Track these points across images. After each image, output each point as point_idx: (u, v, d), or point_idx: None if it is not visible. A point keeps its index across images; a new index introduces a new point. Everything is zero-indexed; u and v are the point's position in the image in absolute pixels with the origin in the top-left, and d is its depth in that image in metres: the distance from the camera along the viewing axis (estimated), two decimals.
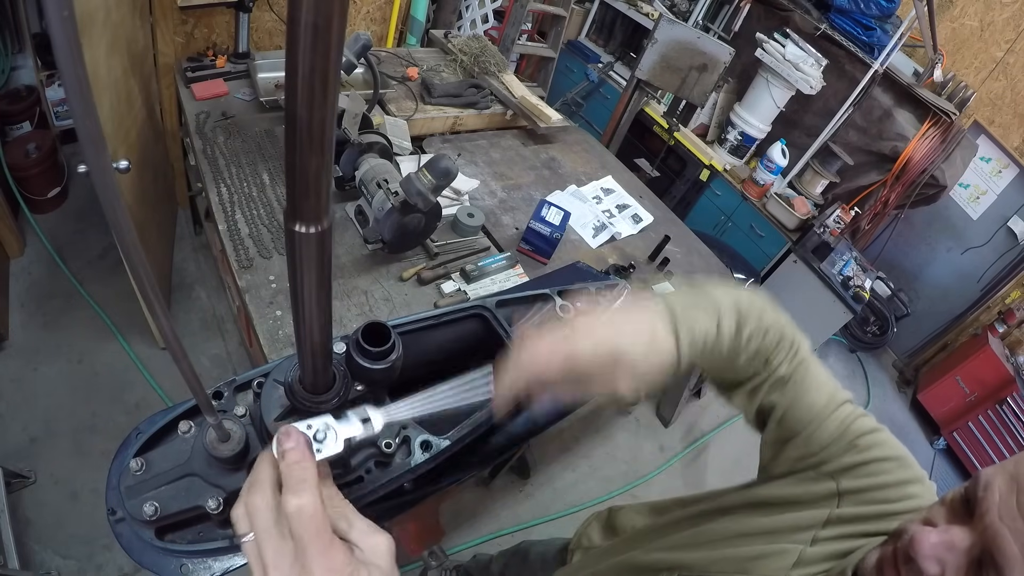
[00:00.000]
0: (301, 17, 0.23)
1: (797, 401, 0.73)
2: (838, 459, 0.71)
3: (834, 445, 0.71)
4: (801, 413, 0.73)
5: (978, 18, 3.03)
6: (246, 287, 1.33)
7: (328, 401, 0.45)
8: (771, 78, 3.05)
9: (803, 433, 0.73)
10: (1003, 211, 3.28)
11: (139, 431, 0.50)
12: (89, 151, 0.24)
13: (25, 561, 1.56)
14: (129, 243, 0.29)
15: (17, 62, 2.39)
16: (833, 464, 0.71)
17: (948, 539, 0.49)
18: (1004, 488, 0.48)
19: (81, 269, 2.28)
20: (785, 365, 0.73)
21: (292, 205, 0.31)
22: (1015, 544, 0.45)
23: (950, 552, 0.49)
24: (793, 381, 0.73)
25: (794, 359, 0.73)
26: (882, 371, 3.79)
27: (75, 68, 0.22)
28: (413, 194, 1.31)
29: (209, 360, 2.20)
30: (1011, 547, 0.45)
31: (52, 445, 1.83)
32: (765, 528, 0.71)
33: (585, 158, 2.33)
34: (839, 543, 0.67)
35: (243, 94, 1.88)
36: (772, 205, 3.12)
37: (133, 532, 0.46)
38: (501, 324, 0.71)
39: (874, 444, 0.70)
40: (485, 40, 2.44)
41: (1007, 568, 0.45)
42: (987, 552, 0.47)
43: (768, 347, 0.71)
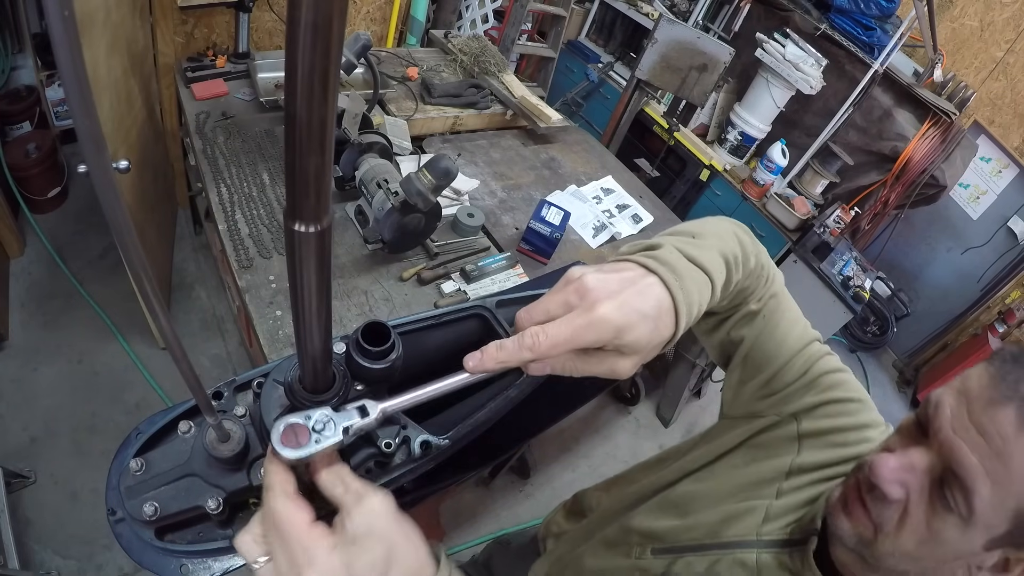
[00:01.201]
0: (301, 17, 0.23)
1: (765, 338, 0.70)
2: (800, 398, 0.70)
3: (797, 383, 0.70)
4: (769, 350, 0.70)
5: (978, 18, 3.03)
6: (246, 287, 1.33)
7: (328, 401, 0.45)
8: (771, 78, 3.05)
9: (768, 371, 0.71)
10: (1003, 211, 3.28)
11: (139, 431, 0.50)
12: (89, 151, 0.24)
13: (25, 561, 1.56)
14: (129, 243, 0.29)
15: (17, 62, 2.39)
16: (794, 404, 0.70)
17: (907, 461, 0.50)
18: (954, 403, 0.49)
19: (81, 269, 2.28)
20: (755, 302, 0.70)
21: (292, 204, 0.31)
22: (972, 455, 0.45)
23: (911, 473, 0.49)
24: (763, 316, 0.70)
25: (766, 295, 0.70)
26: (882, 371, 3.79)
27: (75, 68, 0.22)
28: (413, 194, 1.31)
29: (209, 360, 2.20)
30: (969, 458, 0.46)
31: (52, 445, 1.83)
32: (731, 488, 0.71)
33: (585, 158, 2.33)
34: (804, 491, 0.67)
35: (243, 94, 1.88)
36: (772, 205, 3.12)
37: (133, 532, 0.46)
38: (501, 324, 0.71)
39: (836, 384, 0.70)
40: (485, 40, 2.44)
41: (969, 478, 0.45)
42: (947, 468, 0.48)
43: (749, 288, 0.67)
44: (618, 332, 0.43)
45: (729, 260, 0.58)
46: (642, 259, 0.49)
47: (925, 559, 0.50)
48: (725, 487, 0.71)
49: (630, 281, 0.46)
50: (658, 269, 0.47)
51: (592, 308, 0.43)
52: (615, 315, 0.43)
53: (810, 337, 0.72)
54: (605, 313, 0.43)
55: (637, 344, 0.45)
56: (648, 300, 0.45)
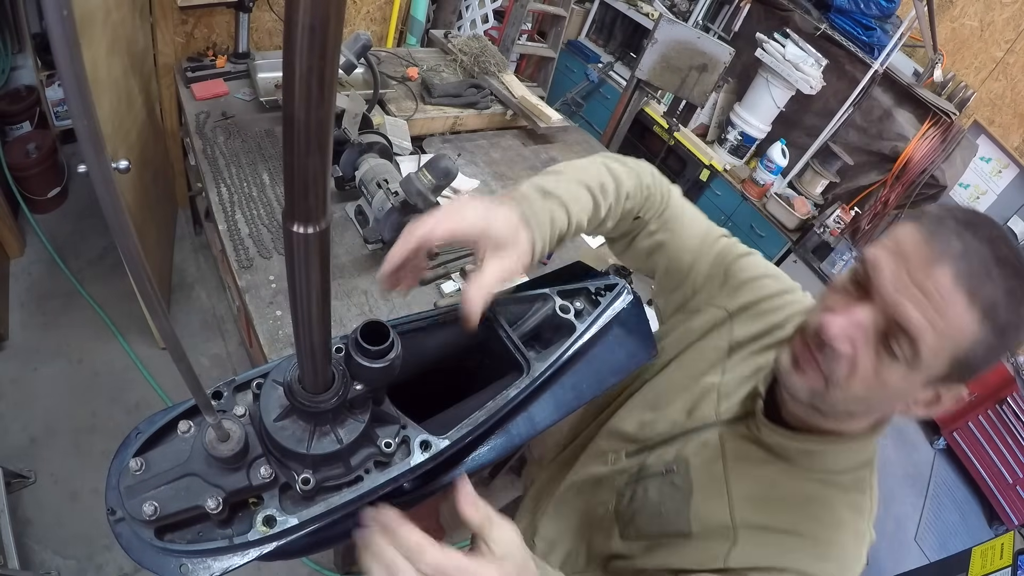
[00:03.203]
0: (298, 18, 0.23)
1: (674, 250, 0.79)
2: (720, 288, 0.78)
3: (715, 278, 0.78)
4: (682, 259, 0.79)
5: (978, 18, 3.03)
6: (246, 287, 1.33)
7: (327, 400, 0.45)
8: (771, 78, 3.05)
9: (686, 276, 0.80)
10: (1003, 211, 3.28)
11: (139, 431, 0.50)
12: (89, 151, 0.24)
13: (25, 561, 1.56)
14: (129, 243, 0.29)
15: (17, 62, 2.39)
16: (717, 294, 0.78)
17: (854, 319, 0.54)
18: (892, 264, 0.52)
19: (81, 269, 2.28)
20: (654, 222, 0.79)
21: (290, 205, 0.31)
22: (916, 311, 0.50)
23: (858, 329, 0.54)
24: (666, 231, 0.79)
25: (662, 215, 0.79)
26: None
27: (75, 68, 0.22)
28: (413, 194, 1.31)
29: (209, 360, 2.20)
30: (914, 314, 0.50)
31: (52, 445, 1.84)
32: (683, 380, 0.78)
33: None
34: (746, 364, 0.73)
35: (243, 94, 1.88)
36: (772, 205, 3.12)
37: (133, 532, 0.46)
38: (501, 324, 0.71)
39: (747, 267, 0.77)
40: (485, 40, 2.44)
41: (915, 331, 0.50)
42: (891, 323, 0.52)
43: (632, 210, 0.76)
44: (484, 225, 0.55)
45: (592, 188, 0.69)
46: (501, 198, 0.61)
47: (872, 400, 0.57)
48: (680, 379, 0.78)
49: (492, 201, 0.59)
50: (509, 201, 0.60)
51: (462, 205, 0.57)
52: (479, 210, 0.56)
53: (716, 235, 0.80)
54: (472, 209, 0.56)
55: (503, 239, 0.56)
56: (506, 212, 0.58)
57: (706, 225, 0.81)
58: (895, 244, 0.53)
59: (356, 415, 0.49)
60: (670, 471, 0.72)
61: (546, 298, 0.74)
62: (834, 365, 0.55)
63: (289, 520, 0.47)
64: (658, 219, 0.79)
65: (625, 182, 0.73)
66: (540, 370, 0.65)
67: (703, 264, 0.78)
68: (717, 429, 0.70)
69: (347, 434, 0.47)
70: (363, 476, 0.51)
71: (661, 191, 0.79)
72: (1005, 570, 1.82)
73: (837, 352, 0.54)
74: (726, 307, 0.76)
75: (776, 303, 0.74)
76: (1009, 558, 1.83)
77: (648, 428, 0.78)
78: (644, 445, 0.78)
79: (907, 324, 0.50)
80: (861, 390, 0.55)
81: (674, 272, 0.80)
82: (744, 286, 0.76)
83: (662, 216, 0.79)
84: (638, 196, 0.75)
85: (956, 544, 2.67)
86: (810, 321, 0.59)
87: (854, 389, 0.55)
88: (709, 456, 0.69)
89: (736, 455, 0.68)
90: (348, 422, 0.48)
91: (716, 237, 0.79)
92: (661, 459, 0.74)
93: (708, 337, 0.77)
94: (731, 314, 0.76)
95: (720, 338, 0.76)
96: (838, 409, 0.59)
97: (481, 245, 0.56)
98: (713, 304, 0.78)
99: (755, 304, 0.75)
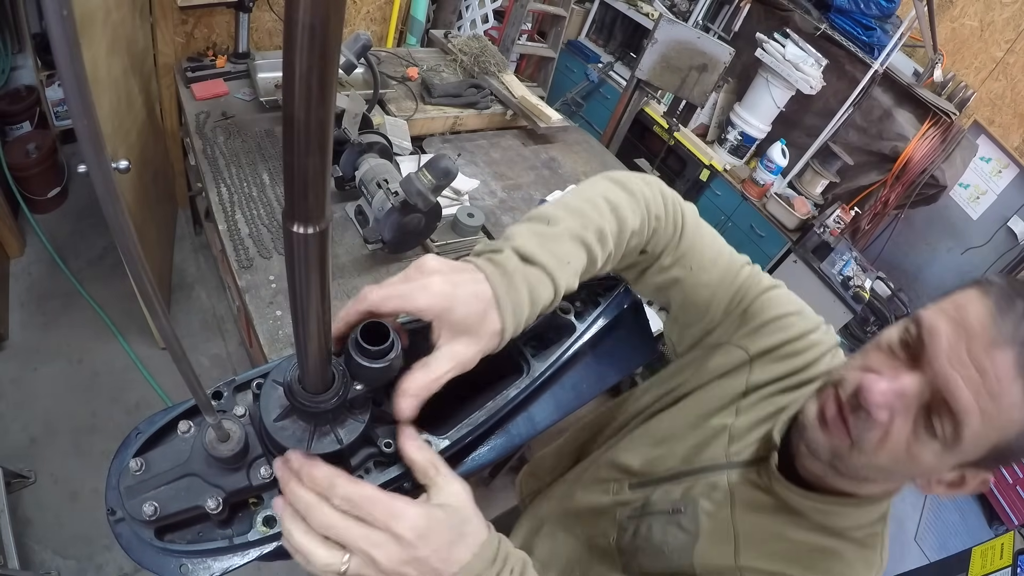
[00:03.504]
0: (298, 18, 0.23)
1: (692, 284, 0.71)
2: (741, 325, 0.72)
3: (735, 313, 0.72)
4: (700, 294, 0.72)
5: (978, 18, 3.03)
6: (246, 287, 1.33)
7: (327, 401, 0.45)
8: (771, 78, 3.05)
9: (705, 311, 0.73)
10: (1003, 211, 3.28)
11: (139, 431, 0.50)
12: (89, 151, 0.24)
13: (25, 561, 1.56)
14: (129, 243, 0.29)
15: (17, 62, 2.39)
16: (737, 332, 0.72)
17: (899, 387, 0.50)
18: (951, 335, 0.48)
19: (81, 269, 2.28)
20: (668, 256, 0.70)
21: (290, 205, 0.31)
22: (968, 391, 0.46)
23: (900, 399, 0.50)
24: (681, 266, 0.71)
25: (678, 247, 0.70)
26: None
27: (75, 68, 0.22)
28: (413, 194, 1.31)
29: (209, 360, 2.21)
30: (965, 394, 0.46)
31: (52, 445, 1.84)
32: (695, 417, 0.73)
33: (585, 158, 2.33)
34: (762, 407, 0.69)
35: (243, 94, 1.88)
36: (772, 205, 3.12)
37: (133, 532, 0.46)
38: None
39: (771, 303, 0.71)
40: (485, 40, 2.44)
41: (962, 413, 0.46)
42: (938, 398, 0.48)
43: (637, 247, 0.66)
44: (446, 305, 0.46)
45: (588, 240, 0.57)
46: (477, 261, 0.51)
47: (895, 473, 0.53)
48: (690, 418, 0.74)
49: (463, 270, 0.49)
50: (485, 268, 0.50)
51: (425, 275, 0.48)
52: (443, 286, 0.47)
53: (737, 266, 0.73)
54: (435, 282, 0.47)
55: (466, 323, 0.47)
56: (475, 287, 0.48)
57: (727, 255, 0.73)
58: (957, 313, 0.49)
59: (356, 415, 0.49)
60: (676, 511, 0.69)
61: None
62: (865, 430, 0.51)
63: None
64: (672, 252, 0.70)
65: (629, 220, 0.62)
66: (540, 370, 0.65)
67: (722, 299, 0.72)
68: (726, 472, 0.67)
69: (347, 434, 0.47)
70: (363, 476, 0.51)
71: (674, 220, 0.69)
72: (1005, 570, 1.82)
73: (874, 419, 0.50)
74: (747, 349, 0.71)
75: (800, 345, 0.69)
76: (1009, 558, 1.83)
77: (653, 464, 0.74)
78: (648, 480, 0.75)
79: (955, 403, 0.46)
80: (887, 461, 0.52)
81: (690, 307, 0.74)
82: (767, 326, 0.70)
83: (677, 249, 0.70)
84: (645, 231, 0.65)
85: (956, 544, 2.67)
86: (847, 377, 0.54)
87: (880, 459, 0.52)
88: (717, 500, 0.66)
89: (745, 501, 0.65)
90: (348, 422, 0.48)
91: (737, 269, 0.72)
92: (667, 497, 0.70)
93: (724, 378, 0.72)
94: (752, 357, 0.71)
95: (737, 380, 0.71)
96: (857, 474, 0.55)
97: (436, 326, 0.48)
98: (732, 343, 0.72)
99: (779, 347, 0.69)
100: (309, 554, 0.42)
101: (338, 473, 0.43)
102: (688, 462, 0.71)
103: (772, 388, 0.69)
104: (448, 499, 0.46)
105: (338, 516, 0.42)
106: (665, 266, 0.70)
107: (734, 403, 0.71)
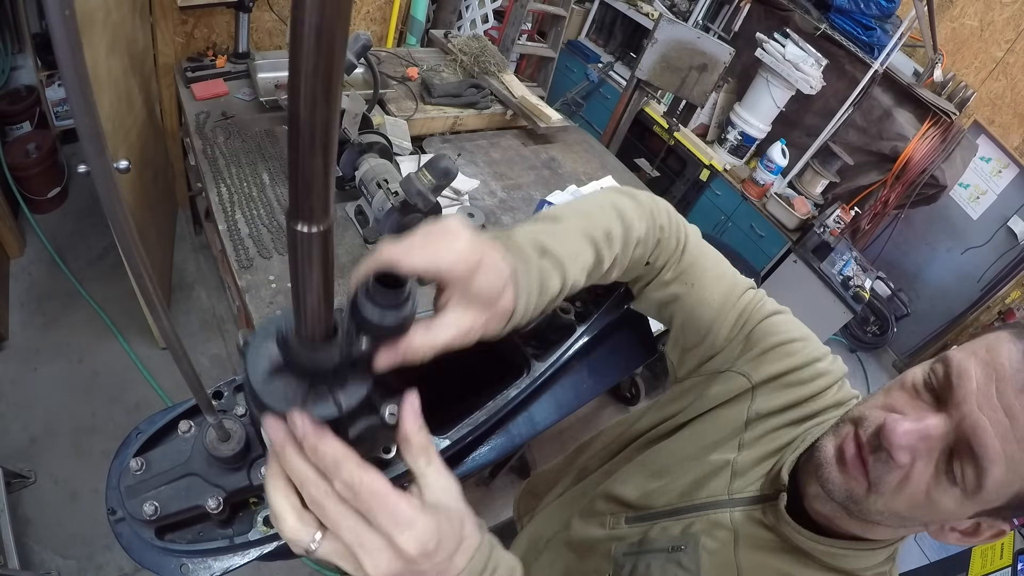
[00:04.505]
0: (304, 19, 0.23)
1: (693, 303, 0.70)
2: (744, 351, 0.69)
3: (737, 338, 0.70)
4: (701, 315, 0.70)
5: (978, 18, 3.03)
6: (246, 287, 1.33)
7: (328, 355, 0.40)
8: (771, 78, 3.05)
9: (706, 335, 0.70)
10: (1003, 211, 3.28)
11: (139, 431, 0.50)
12: (89, 151, 0.24)
13: (25, 561, 1.56)
14: (129, 243, 0.29)
15: (17, 62, 2.39)
16: (740, 358, 0.69)
17: (923, 428, 0.48)
18: (981, 377, 0.46)
19: (81, 269, 2.28)
20: (669, 271, 0.69)
21: (294, 204, 0.31)
22: (995, 436, 0.44)
23: (923, 442, 0.48)
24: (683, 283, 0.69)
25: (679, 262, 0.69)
26: (882, 371, 3.79)
27: (76, 68, 0.22)
28: (413, 194, 1.31)
29: (209, 360, 2.20)
30: (991, 439, 0.44)
31: (52, 445, 1.83)
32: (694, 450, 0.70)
33: (585, 158, 2.33)
34: (766, 441, 0.66)
35: (243, 94, 1.88)
36: (772, 205, 3.12)
37: (133, 532, 0.46)
38: None
39: (775, 329, 0.68)
40: (485, 40, 2.44)
41: (986, 460, 0.45)
42: (962, 443, 0.46)
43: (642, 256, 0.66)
44: (470, 269, 0.43)
45: (597, 238, 0.57)
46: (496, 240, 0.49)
47: (910, 519, 0.51)
48: (689, 450, 0.71)
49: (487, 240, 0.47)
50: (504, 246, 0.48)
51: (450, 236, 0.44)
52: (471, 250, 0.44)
53: (741, 289, 0.71)
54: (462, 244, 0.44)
55: (484, 294, 0.44)
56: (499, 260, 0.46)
57: (730, 277, 0.71)
58: (988, 355, 0.47)
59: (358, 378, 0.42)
60: (676, 549, 0.66)
61: None
62: (885, 473, 0.50)
63: None
64: (674, 267, 0.69)
65: (636, 225, 0.62)
66: (540, 370, 0.65)
67: (724, 322, 0.69)
68: (729, 510, 0.65)
69: (347, 399, 0.41)
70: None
71: (677, 235, 0.69)
72: (1005, 570, 1.82)
73: (896, 461, 0.48)
74: (750, 377, 0.68)
75: (806, 374, 0.66)
76: (1009, 558, 1.83)
77: (651, 498, 0.72)
78: (646, 514, 0.72)
79: (980, 448, 0.45)
80: (904, 506, 0.50)
81: (691, 328, 0.71)
82: (771, 352, 0.68)
83: (679, 263, 0.69)
84: (650, 240, 0.65)
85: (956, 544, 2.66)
86: (868, 416, 0.53)
87: (897, 503, 0.50)
88: (721, 538, 0.64)
89: (750, 541, 0.62)
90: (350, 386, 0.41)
91: (740, 292, 0.71)
92: (666, 534, 0.68)
93: (725, 406, 0.70)
94: (755, 385, 0.68)
95: (739, 409, 0.68)
96: (871, 518, 0.53)
97: (449, 291, 0.45)
98: (734, 370, 0.70)
99: (783, 375, 0.67)
100: (279, 516, 0.38)
101: (347, 454, 0.38)
102: (687, 497, 0.68)
103: (776, 420, 0.67)
104: (442, 497, 0.41)
105: (334, 500, 0.37)
106: (666, 280, 0.69)
107: (736, 436, 0.68)
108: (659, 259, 0.68)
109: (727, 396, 0.69)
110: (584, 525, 0.79)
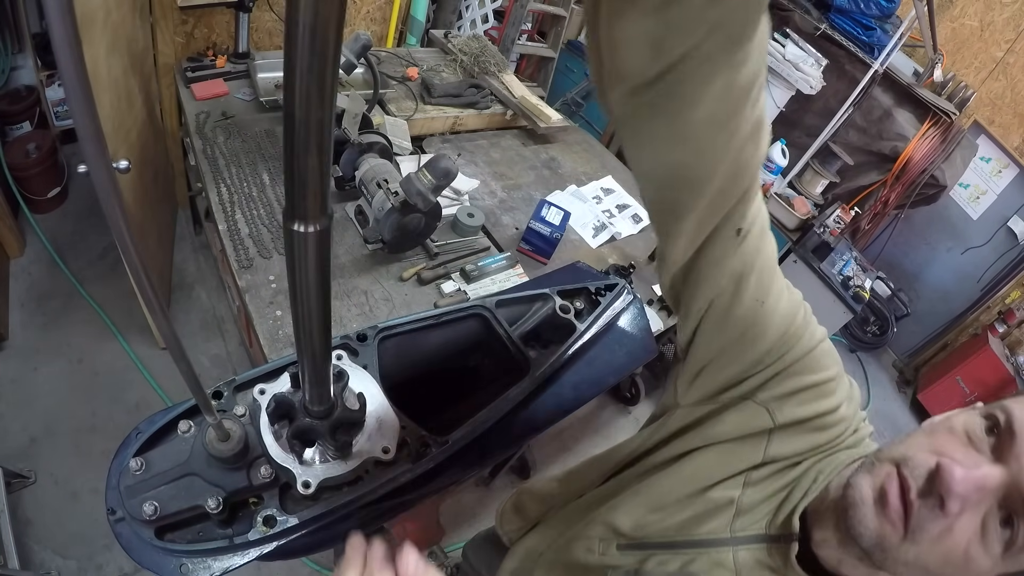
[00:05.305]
0: (299, 19, 0.24)
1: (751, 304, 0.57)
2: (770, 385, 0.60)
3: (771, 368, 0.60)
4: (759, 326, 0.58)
5: (978, 18, 3.03)
6: (246, 287, 1.33)
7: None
8: (771, 78, 3.05)
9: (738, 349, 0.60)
10: (1003, 211, 3.28)
11: (139, 431, 0.50)
12: (89, 151, 0.24)
13: (25, 561, 1.56)
14: (129, 243, 0.29)
15: (17, 62, 2.39)
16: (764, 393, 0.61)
17: (980, 479, 0.45)
18: None
19: (81, 269, 2.28)
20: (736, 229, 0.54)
21: (291, 204, 0.31)
22: None
23: (978, 492, 0.45)
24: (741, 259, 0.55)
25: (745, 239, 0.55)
26: (882, 371, 3.79)
27: (76, 68, 0.22)
28: (413, 194, 1.31)
29: (209, 360, 2.20)
30: None
31: (52, 445, 1.83)
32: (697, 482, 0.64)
33: (585, 158, 2.33)
34: (773, 481, 0.62)
35: (243, 94, 1.88)
36: (772, 205, 3.12)
37: (133, 532, 0.46)
38: (501, 324, 0.71)
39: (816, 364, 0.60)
40: (485, 40, 2.44)
41: None
42: (1014, 499, 0.44)
43: None
44: None
45: None
46: None
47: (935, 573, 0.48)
48: (691, 482, 0.66)
49: None
50: None
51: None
52: None
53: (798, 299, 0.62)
54: None
55: None
56: None
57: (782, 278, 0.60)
58: None
59: None
60: None
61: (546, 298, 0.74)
62: (928, 521, 0.46)
63: (289, 520, 0.47)
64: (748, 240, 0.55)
65: None
66: (540, 370, 0.65)
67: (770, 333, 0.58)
68: (732, 549, 0.61)
69: None
70: (363, 476, 0.51)
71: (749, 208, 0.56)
72: None
73: (946, 509, 0.45)
74: (774, 416, 0.60)
75: (832, 419, 0.60)
76: None
77: (646, 529, 0.68)
78: (639, 543, 0.68)
79: None
80: (936, 560, 0.46)
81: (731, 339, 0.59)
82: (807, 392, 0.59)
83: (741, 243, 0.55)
84: None
85: None
86: (914, 458, 0.49)
87: (930, 556, 0.46)
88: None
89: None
90: None
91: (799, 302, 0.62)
92: (663, 569, 0.64)
93: (738, 443, 0.63)
94: (777, 427, 0.60)
95: (753, 450, 0.62)
96: (893, 569, 0.49)
97: None
98: (757, 401, 0.61)
99: (811, 419, 0.60)
100: None
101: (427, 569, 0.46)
102: (685, 531, 0.64)
103: (786, 462, 0.62)
104: None
105: None
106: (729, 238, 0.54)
107: (744, 473, 0.62)
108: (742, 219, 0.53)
109: (741, 432, 0.62)
110: (575, 548, 0.76)
